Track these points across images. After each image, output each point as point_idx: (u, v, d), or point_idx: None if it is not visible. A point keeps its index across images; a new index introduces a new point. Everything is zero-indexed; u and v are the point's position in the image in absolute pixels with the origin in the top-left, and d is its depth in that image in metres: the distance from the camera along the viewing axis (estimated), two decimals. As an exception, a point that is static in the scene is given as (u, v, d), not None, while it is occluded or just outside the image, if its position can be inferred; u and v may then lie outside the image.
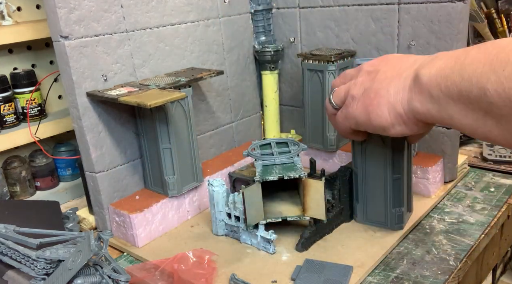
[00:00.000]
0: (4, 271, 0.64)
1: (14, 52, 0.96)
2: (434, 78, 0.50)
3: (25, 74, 0.94)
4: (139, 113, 0.80)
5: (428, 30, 0.81)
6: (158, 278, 0.66)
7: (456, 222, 0.78)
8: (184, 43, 0.89)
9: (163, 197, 0.81)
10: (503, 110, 0.42)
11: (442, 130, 0.85)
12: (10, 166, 0.94)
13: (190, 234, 0.81)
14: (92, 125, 0.76)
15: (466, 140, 1.11)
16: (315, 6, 0.96)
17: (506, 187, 0.89)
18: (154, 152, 0.81)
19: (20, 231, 0.66)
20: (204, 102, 0.96)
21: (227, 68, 0.99)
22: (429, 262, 0.68)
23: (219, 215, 0.77)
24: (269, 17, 1.04)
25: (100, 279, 0.58)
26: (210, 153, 0.98)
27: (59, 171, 1.02)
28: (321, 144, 0.95)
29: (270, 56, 1.02)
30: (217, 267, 0.68)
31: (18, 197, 0.95)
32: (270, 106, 1.07)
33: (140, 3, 0.80)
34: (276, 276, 0.66)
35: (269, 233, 0.71)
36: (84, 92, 0.74)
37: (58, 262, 0.59)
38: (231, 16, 0.98)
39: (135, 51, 0.81)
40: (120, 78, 0.79)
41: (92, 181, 0.80)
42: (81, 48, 0.73)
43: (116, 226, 0.80)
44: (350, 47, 0.93)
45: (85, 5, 0.73)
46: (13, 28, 0.89)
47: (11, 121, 0.92)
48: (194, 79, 0.81)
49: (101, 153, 0.78)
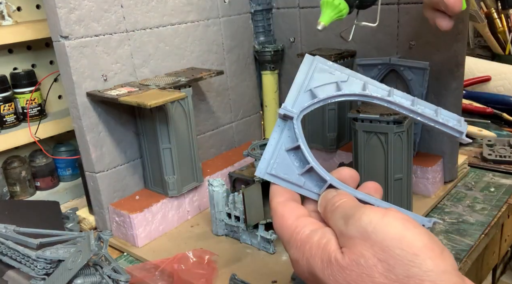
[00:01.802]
0: (4, 271, 0.64)
1: (14, 52, 0.96)
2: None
3: (25, 74, 0.94)
4: (139, 113, 0.80)
5: (428, 30, 0.81)
6: (158, 278, 0.66)
7: (456, 222, 0.78)
8: (184, 43, 0.89)
9: (163, 197, 0.81)
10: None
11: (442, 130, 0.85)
12: (10, 166, 0.94)
13: (190, 234, 0.81)
14: (92, 125, 0.76)
15: (466, 140, 1.11)
16: (315, 6, 0.96)
17: (506, 187, 0.89)
18: (154, 152, 0.81)
19: (20, 231, 0.66)
20: (204, 102, 0.96)
21: (227, 68, 0.99)
22: (429, 262, 0.68)
23: (219, 215, 0.77)
24: (269, 17, 1.04)
25: (100, 279, 0.58)
26: (210, 153, 0.98)
27: (59, 171, 1.02)
28: (321, 144, 0.95)
29: (270, 56, 1.02)
30: (217, 267, 0.68)
31: (18, 197, 0.95)
32: (270, 106, 1.07)
33: (140, 3, 0.80)
34: (276, 276, 0.66)
35: (269, 233, 0.71)
36: (84, 92, 0.74)
37: (58, 262, 0.59)
38: (231, 16, 0.98)
39: (135, 51, 0.81)
40: (120, 78, 0.79)
41: (92, 181, 0.80)
42: (81, 48, 0.73)
43: (116, 226, 0.80)
44: (350, 47, 0.93)
45: (85, 5, 0.73)
46: (13, 28, 0.88)
47: (11, 121, 0.92)
48: (194, 79, 0.81)
49: (101, 153, 0.78)
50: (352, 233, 0.34)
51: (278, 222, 0.40)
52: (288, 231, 0.38)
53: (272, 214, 0.40)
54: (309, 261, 0.35)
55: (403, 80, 0.86)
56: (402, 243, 0.31)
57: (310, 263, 0.35)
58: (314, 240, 0.36)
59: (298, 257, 0.37)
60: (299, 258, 0.37)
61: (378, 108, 0.74)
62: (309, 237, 0.36)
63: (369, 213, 0.34)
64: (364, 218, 0.34)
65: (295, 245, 0.37)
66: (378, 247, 0.32)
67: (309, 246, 0.36)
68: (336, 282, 0.33)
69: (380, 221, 0.33)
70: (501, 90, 1.32)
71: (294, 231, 0.38)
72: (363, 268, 0.32)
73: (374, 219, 0.33)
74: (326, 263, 0.34)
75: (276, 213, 0.40)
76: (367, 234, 0.33)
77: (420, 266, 0.31)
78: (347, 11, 0.62)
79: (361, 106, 0.75)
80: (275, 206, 0.40)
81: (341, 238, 0.35)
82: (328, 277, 0.34)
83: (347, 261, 0.33)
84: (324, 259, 0.34)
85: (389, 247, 0.31)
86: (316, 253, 0.35)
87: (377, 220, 0.33)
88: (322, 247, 0.35)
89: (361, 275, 0.32)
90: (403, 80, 0.87)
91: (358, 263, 0.32)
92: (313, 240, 0.36)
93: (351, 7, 0.62)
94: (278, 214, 0.40)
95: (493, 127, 1.19)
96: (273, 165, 0.41)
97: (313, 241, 0.36)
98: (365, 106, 0.74)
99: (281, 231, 0.39)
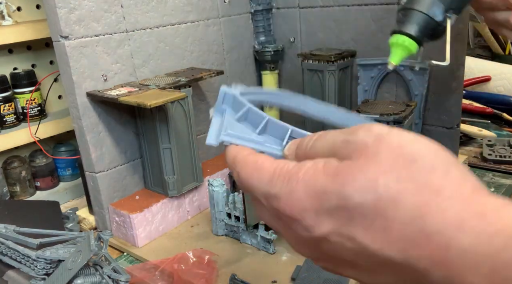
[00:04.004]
0: (4, 271, 0.64)
1: (14, 52, 0.96)
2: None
3: (25, 74, 0.94)
4: (139, 113, 0.80)
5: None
6: (158, 278, 0.66)
7: (456, 222, 0.78)
8: (184, 43, 0.89)
9: (163, 197, 0.81)
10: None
11: (442, 130, 0.86)
12: (10, 166, 0.94)
13: (190, 234, 0.81)
14: (92, 125, 0.76)
15: (466, 140, 1.11)
16: (315, 6, 0.96)
17: (506, 187, 0.89)
18: (154, 152, 0.81)
19: (20, 231, 0.66)
20: (204, 102, 0.96)
21: (227, 68, 0.99)
22: (429, 262, 0.68)
23: (219, 215, 0.77)
24: (269, 17, 1.04)
25: (100, 279, 0.58)
26: (210, 153, 0.98)
27: (59, 171, 1.02)
28: (321, 144, 0.95)
29: (270, 56, 1.02)
30: (217, 267, 0.68)
31: (18, 197, 0.95)
32: (270, 106, 1.07)
33: (140, 3, 0.80)
34: (276, 276, 0.66)
35: (269, 233, 0.71)
36: (84, 92, 0.74)
37: (58, 262, 0.59)
38: (231, 16, 0.98)
39: (135, 51, 0.81)
40: (120, 78, 0.79)
41: (92, 181, 0.80)
42: (81, 48, 0.73)
43: (116, 226, 0.80)
44: (350, 47, 0.93)
45: (85, 5, 0.73)
46: (13, 28, 0.88)
47: (11, 121, 0.92)
48: (194, 79, 0.81)
49: (101, 153, 0.78)
50: (359, 141, 0.27)
51: (250, 168, 0.31)
52: (268, 171, 0.30)
53: (239, 167, 0.32)
54: (308, 183, 0.27)
55: (403, 80, 0.87)
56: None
57: (309, 185, 0.27)
58: (307, 166, 0.28)
59: (289, 189, 0.28)
60: (291, 189, 0.28)
61: (378, 108, 0.74)
62: (299, 166, 0.29)
63: (375, 125, 0.28)
64: (374, 127, 0.27)
65: (281, 179, 0.29)
66: (397, 146, 0.26)
67: (304, 172, 0.28)
68: (351, 186, 0.25)
69: (392, 130, 0.27)
70: (501, 90, 1.32)
71: (277, 168, 0.30)
72: (380, 165, 0.25)
73: (385, 129, 0.27)
74: (332, 175, 0.26)
75: (246, 162, 0.32)
76: (381, 136, 0.26)
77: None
78: (417, 50, 0.62)
79: (361, 106, 0.75)
80: (243, 158, 0.32)
81: (339, 155, 0.28)
82: (339, 186, 0.26)
83: (361, 161, 0.26)
84: (330, 171, 0.27)
85: (406, 147, 0.26)
86: (316, 172, 0.27)
87: (388, 129, 0.27)
88: (322, 165, 0.27)
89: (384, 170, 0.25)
90: (403, 80, 0.87)
91: (375, 160, 0.26)
92: (305, 166, 0.28)
93: (419, 45, 0.62)
94: (249, 161, 0.32)
95: (493, 127, 1.19)
96: (226, 130, 0.35)
97: (307, 166, 0.28)
98: (365, 106, 0.74)
99: (257, 175, 0.30)
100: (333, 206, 0.26)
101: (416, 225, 0.24)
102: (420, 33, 0.61)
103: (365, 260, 0.26)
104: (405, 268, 0.24)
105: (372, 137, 0.27)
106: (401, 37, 0.61)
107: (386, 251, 0.25)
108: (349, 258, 0.27)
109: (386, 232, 0.24)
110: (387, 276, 0.26)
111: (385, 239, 0.24)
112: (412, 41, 0.61)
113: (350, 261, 0.27)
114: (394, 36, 0.62)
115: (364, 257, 0.26)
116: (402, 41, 0.61)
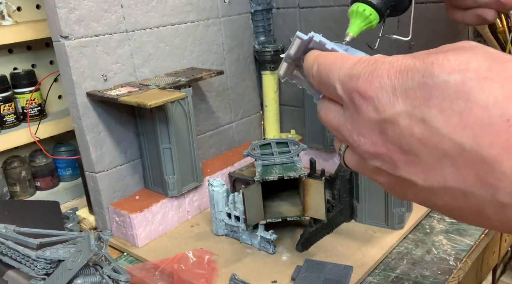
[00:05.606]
0: (4, 271, 0.64)
1: (14, 52, 0.96)
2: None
3: (25, 74, 0.94)
4: (139, 113, 0.80)
5: (428, 30, 0.81)
6: (158, 278, 0.66)
7: (456, 222, 0.78)
8: (184, 43, 0.89)
9: (163, 197, 0.81)
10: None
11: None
12: (10, 166, 0.94)
13: (190, 234, 0.81)
14: (92, 125, 0.76)
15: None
16: (315, 6, 0.96)
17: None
18: (154, 152, 0.81)
19: (20, 231, 0.66)
20: (204, 102, 0.96)
21: (227, 68, 0.99)
22: (429, 262, 0.68)
23: (219, 215, 0.77)
24: (269, 17, 1.04)
25: (100, 279, 0.58)
26: (210, 153, 0.98)
27: (59, 171, 1.02)
28: (321, 144, 0.95)
29: (270, 56, 1.02)
30: (217, 267, 0.69)
31: (18, 197, 0.95)
32: (270, 106, 1.07)
33: (140, 3, 0.80)
34: (276, 276, 0.66)
35: (269, 233, 0.71)
36: (84, 92, 0.74)
37: (58, 262, 0.59)
38: (231, 16, 0.98)
39: (135, 51, 0.81)
40: (120, 78, 0.79)
41: (92, 181, 0.80)
42: (81, 48, 0.73)
43: (116, 226, 0.80)
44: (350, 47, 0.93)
45: (85, 5, 0.73)
46: (13, 28, 0.88)
47: (11, 121, 0.92)
48: (194, 79, 0.81)
49: (101, 153, 0.78)
50: (454, 45, 0.27)
51: (334, 56, 0.32)
52: (353, 59, 0.30)
53: (321, 59, 0.33)
54: (393, 64, 0.27)
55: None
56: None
57: (394, 65, 0.27)
58: (391, 58, 0.28)
59: (371, 69, 0.28)
60: (374, 68, 0.28)
61: None
62: (387, 56, 0.29)
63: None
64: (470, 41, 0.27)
65: (366, 62, 0.29)
66: (492, 51, 0.26)
67: (392, 57, 0.28)
68: (440, 64, 0.25)
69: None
70: (501, 90, 1.32)
71: (363, 57, 0.30)
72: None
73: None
74: (422, 57, 0.26)
75: (330, 54, 0.33)
76: (477, 44, 0.26)
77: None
78: (377, 21, 0.58)
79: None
80: (327, 53, 0.33)
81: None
82: (428, 64, 0.26)
83: (455, 50, 0.26)
84: (420, 55, 0.27)
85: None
86: (405, 57, 0.27)
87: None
88: (411, 54, 0.27)
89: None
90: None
91: (470, 50, 0.26)
92: (390, 58, 0.28)
93: (381, 17, 0.58)
94: (334, 54, 0.33)
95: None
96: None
97: (395, 56, 0.28)
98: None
99: (341, 60, 0.31)
100: (413, 85, 0.26)
101: (497, 109, 0.23)
102: (381, 2, 0.57)
103: (429, 149, 0.25)
104: (471, 158, 0.24)
105: (468, 43, 0.27)
106: (361, 5, 0.57)
107: (458, 135, 0.24)
108: (413, 147, 0.26)
109: (462, 115, 0.24)
110: (447, 172, 0.25)
111: (459, 123, 0.24)
112: (372, 10, 0.57)
113: (411, 152, 0.26)
114: (354, 4, 0.58)
115: (430, 145, 0.25)
116: (362, 9, 0.57)
